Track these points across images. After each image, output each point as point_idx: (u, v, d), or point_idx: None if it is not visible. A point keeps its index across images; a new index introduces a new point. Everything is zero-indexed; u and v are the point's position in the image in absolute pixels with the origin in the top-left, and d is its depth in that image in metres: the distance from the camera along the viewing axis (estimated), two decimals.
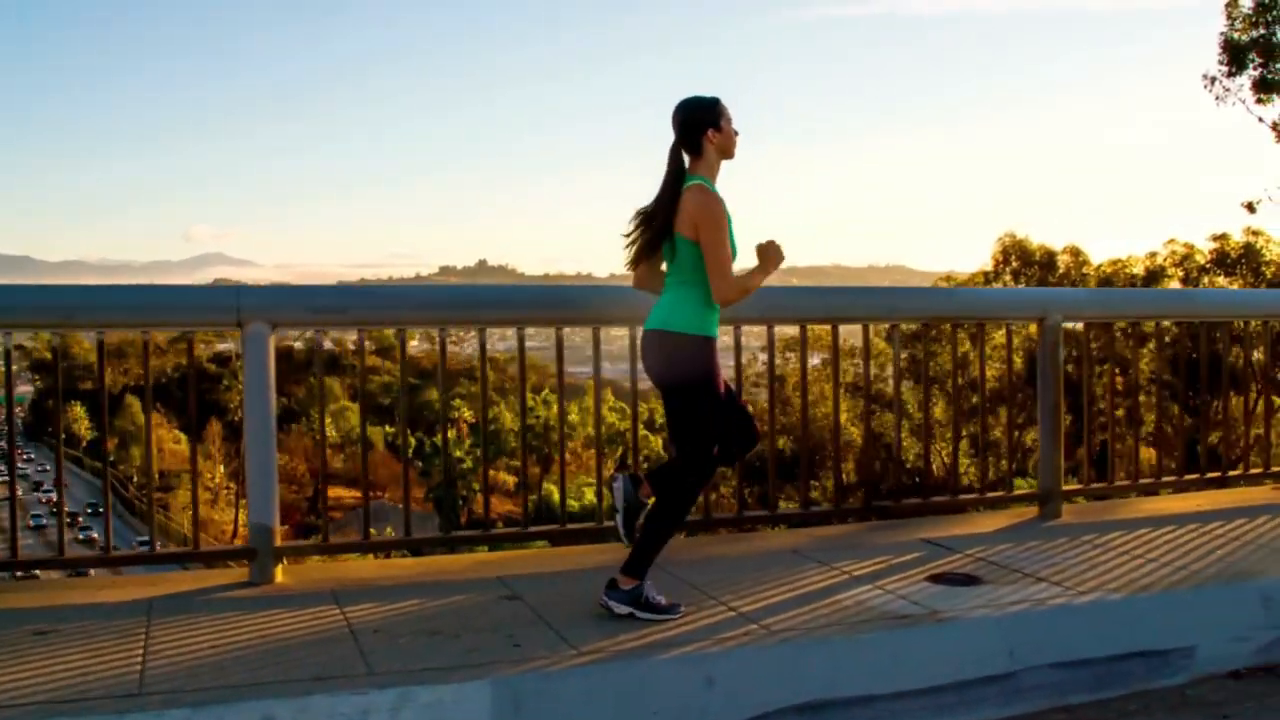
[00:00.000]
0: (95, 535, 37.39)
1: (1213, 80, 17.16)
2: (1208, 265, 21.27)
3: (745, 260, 3.48)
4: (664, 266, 3.46)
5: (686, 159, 3.37)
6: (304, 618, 3.42)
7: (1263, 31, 16.60)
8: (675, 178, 3.34)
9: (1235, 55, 16.81)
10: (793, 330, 4.27)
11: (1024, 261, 26.52)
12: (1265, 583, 3.68)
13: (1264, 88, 16.63)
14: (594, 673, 2.92)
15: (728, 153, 3.40)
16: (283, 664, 3.00)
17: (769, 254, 3.44)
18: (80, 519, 43.18)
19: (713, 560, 3.98)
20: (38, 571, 4.17)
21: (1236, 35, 16.91)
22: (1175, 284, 21.29)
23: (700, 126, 3.34)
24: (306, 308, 3.82)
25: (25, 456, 55.75)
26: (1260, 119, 17.02)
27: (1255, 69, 16.71)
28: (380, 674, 2.91)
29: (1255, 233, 20.65)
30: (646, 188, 3.41)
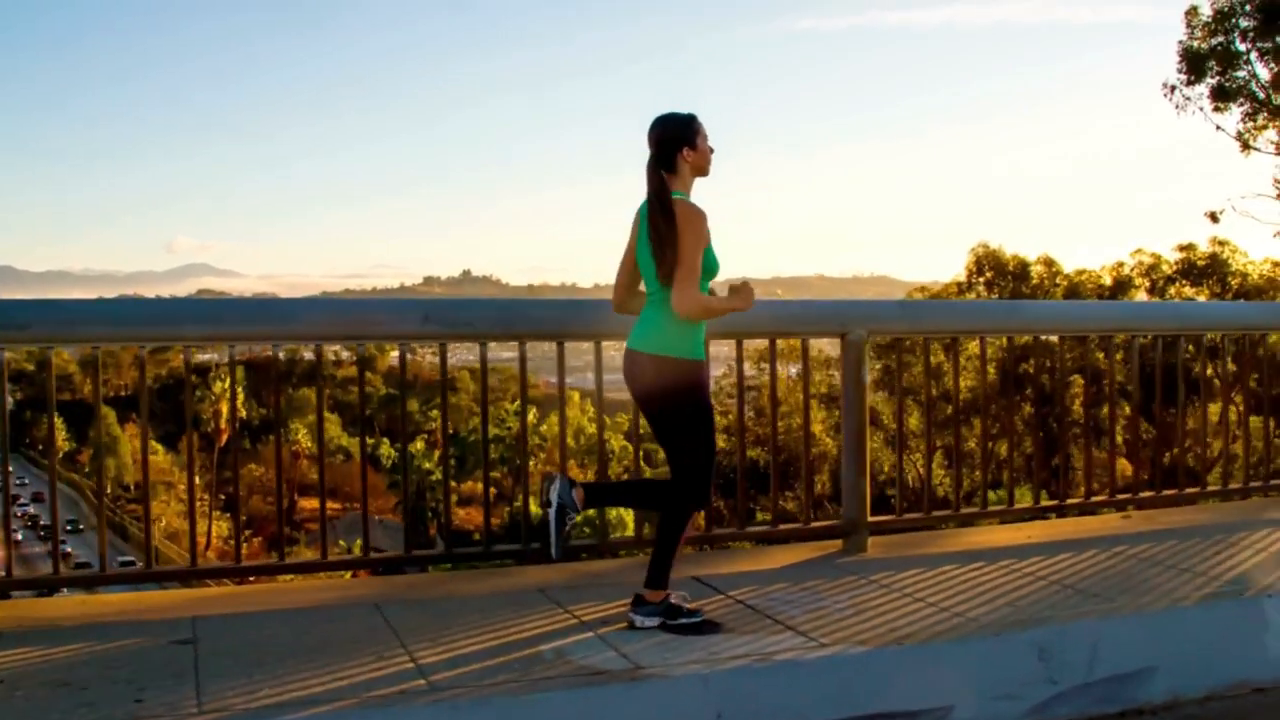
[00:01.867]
0: (71, 550, 36.93)
1: (1172, 89, 16.81)
2: (1174, 275, 20.85)
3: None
4: (642, 287, 3.41)
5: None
6: None
7: (1221, 39, 16.24)
8: (663, 199, 3.25)
9: (1194, 64, 16.45)
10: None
11: (997, 272, 26.20)
12: (1043, 631, 3.25)
13: (1221, 96, 16.25)
14: None
15: (702, 170, 3.35)
16: None
17: (742, 294, 3.37)
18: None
19: (443, 600, 3.57)
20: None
21: (1196, 44, 16.55)
22: (1142, 294, 20.89)
23: (676, 144, 3.29)
24: None
25: None
26: (1218, 127, 16.65)
27: (1214, 77, 16.34)
28: None
29: (1221, 243, 20.24)
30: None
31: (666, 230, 3.20)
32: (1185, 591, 3.66)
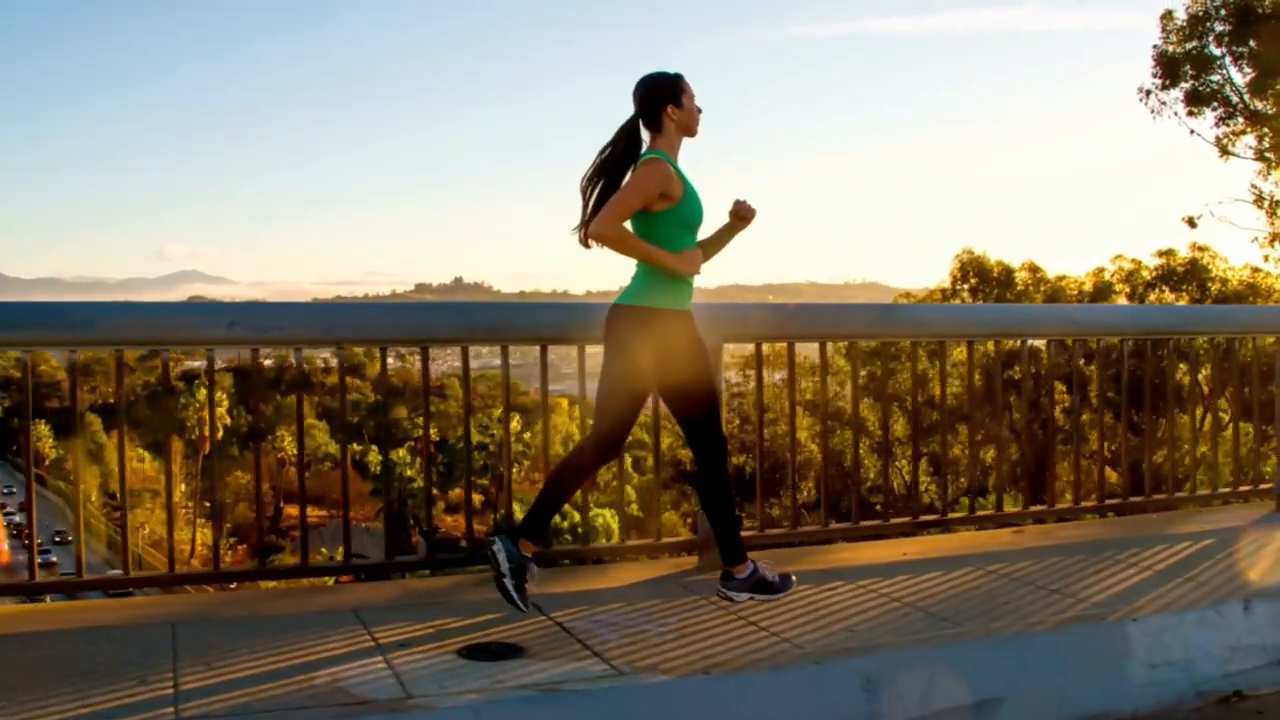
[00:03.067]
0: (55, 560, 36.69)
1: (1147, 94, 16.59)
2: (1153, 281, 20.59)
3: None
4: None
5: (647, 135, 3.29)
6: None
7: (1196, 44, 16.03)
8: (629, 147, 3.26)
9: (1169, 68, 16.25)
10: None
11: (982, 278, 25.99)
12: (872, 659, 3.01)
13: (1195, 100, 16.04)
14: None
15: (689, 130, 3.32)
16: None
17: (685, 256, 3.28)
18: (40, 542, 42.49)
19: (248, 619, 3.35)
20: None
21: (1171, 48, 16.35)
22: (1122, 300, 20.64)
23: (660, 101, 3.26)
24: None
25: None
26: (1193, 131, 16.43)
27: (1188, 81, 16.13)
28: None
29: (1201, 248, 19.98)
30: None
31: (607, 181, 3.22)
32: (1044, 615, 3.43)
